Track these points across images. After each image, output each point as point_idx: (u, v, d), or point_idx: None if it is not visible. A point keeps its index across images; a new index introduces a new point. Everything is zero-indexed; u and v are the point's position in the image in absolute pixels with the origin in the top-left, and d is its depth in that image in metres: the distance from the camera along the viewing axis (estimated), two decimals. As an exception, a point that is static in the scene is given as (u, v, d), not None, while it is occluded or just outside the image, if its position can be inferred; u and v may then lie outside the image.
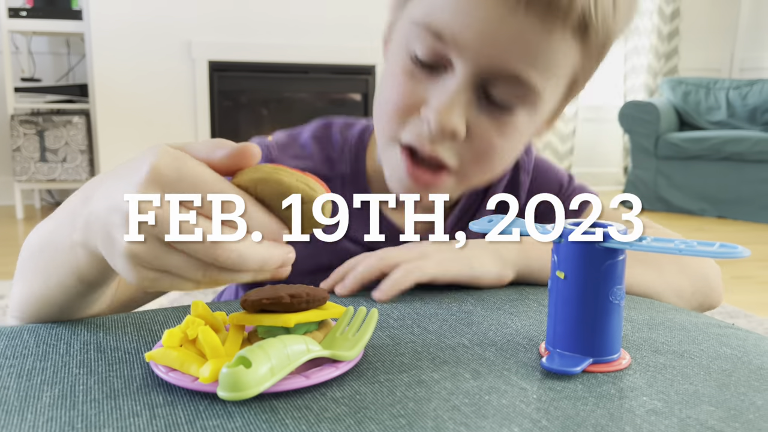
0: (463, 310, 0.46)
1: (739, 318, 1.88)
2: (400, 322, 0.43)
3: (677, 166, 3.42)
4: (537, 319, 0.44)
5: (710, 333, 0.42)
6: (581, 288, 0.36)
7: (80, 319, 0.43)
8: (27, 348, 0.38)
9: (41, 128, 2.96)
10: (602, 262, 0.35)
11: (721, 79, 3.67)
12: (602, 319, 0.36)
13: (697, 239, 0.35)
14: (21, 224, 3.01)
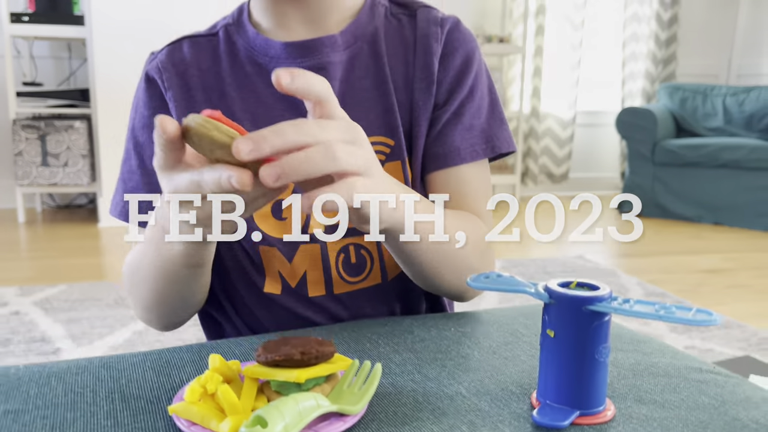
0: (461, 354, 0.49)
1: (733, 328, 1.91)
2: (401, 368, 0.46)
3: (674, 173, 3.45)
4: (529, 365, 0.47)
5: (691, 379, 0.45)
6: (569, 346, 0.39)
7: (103, 364, 0.46)
8: (56, 396, 0.41)
9: (43, 133, 2.99)
10: (589, 324, 0.38)
11: (718, 86, 3.70)
12: (588, 375, 0.39)
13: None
14: (22, 228, 3.04)
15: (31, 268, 2.41)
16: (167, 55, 0.64)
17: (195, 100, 0.62)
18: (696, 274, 2.49)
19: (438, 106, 0.63)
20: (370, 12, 0.65)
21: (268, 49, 0.62)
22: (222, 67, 0.63)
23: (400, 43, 0.64)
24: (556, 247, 2.87)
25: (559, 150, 4.00)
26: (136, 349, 1.69)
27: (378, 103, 0.62)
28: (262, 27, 0.64)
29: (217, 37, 0.65)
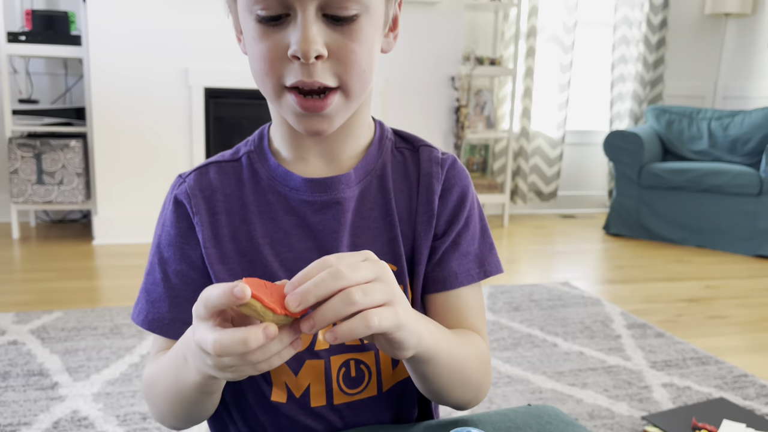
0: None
1: (711, 364, 1.99)
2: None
3: (659, 196, 3.53)
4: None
5: None
6: None
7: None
8: None
9: (39, 151, 3.02)
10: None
11: (704, 109, 3.78)
12: None
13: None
14: (17, 245, 3.07)
15: (26, 291, 2.45)
16: (195, 180, 0.69)
17: (220, 224, 0.67)
18: (677, 303, 2.57)
19: (437, 236, 0.70)
20: (379, 147, 0.71)
21: (289, 181, 0.68)
22: (245, 193, 0.68)
23: (404, 178, 0.71)
24: (543, 274, 2.93)
25: (549, 169, 4.06)
26: (132, 383, 1.74)
27: (384, 233, 0.68)
28: (282, 155, 0.69)
29: (241, 164, 0.70)
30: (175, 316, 0.67)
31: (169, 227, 0.69)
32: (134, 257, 2.92)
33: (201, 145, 3.15)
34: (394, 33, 0.67)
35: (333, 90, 0.60)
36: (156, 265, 0.69)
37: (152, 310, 0.68)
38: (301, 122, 0.61)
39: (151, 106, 3.07)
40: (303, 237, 0.67)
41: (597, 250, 3.42)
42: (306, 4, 0.56)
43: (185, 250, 0.68)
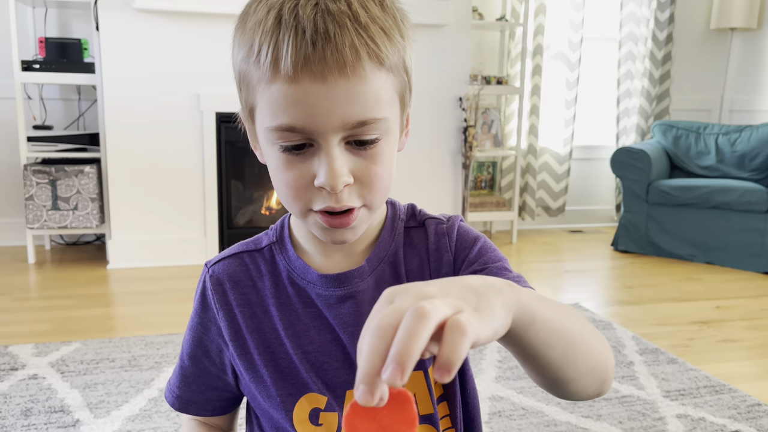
0: None
1: (724, 392, 2.00)
2: None
3: (667, 212, 3.54)
4: None
5: None
6: None
7: None
8: None
9: (54, 178, 3.06)
10: None
11: (711, 124, 3.79)
12: None
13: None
14: (32, 270, 3.11)
15: (43, 320, 2.48)
16: (219, 273, 0.72)
17: (243, 316, 0.70)
18: (688, 326, 2.58)
19: None
20: (391, 230, 0.72)
21: (306, 274, 0.70)
22: (266, 284, 0.71)
23: (415, 256, 0.72)
24: (553, 295, 2.95)
25: (556, 184, 4.08)
26: (151, 420, 1.77)
27: None
28: (301, 246, 0.72)
29: (263, 255, 0.72)
30: (183, 393, 0.75)
31: (193, 314, 0.73)
32: (148, 282, 2.95)
33: (213, 168, 3.19)
34: (406, 131, 0.69)
35: (358, 207, 0.62)
36: (183, 344, 0.75)
37: (171, 384, 0.76)
38: (327, 235, 0.64)
39: (163, 130, 3.11)
40: (323, 329, 0.69)
41: (606, 267, 3.43)
42: (329, 137, 0.57)
43: (203, 340, 0.73)
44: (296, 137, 0.57)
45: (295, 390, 0.68)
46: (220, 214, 3.26)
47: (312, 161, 0.59)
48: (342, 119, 0.56)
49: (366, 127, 0.58)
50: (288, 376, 0.69)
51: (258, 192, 3.41)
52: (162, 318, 2.51)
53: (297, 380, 0.68)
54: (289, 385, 0.69)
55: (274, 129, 0.57)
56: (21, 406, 1.82)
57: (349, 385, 0.69)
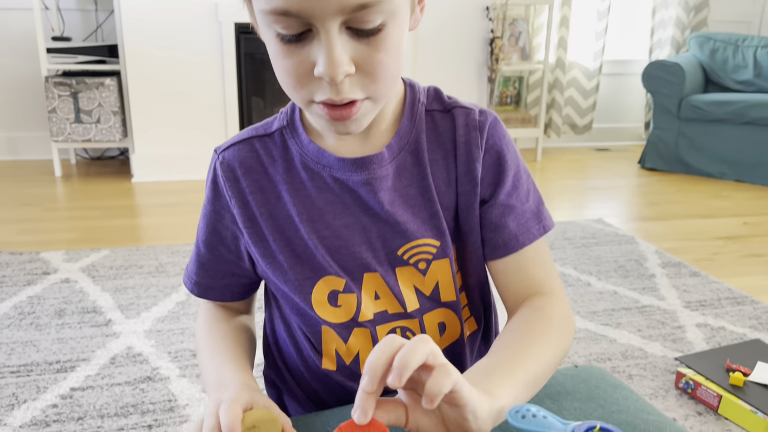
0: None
1: (746, 304, 2.00)
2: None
3: (699, 129, 3.44)
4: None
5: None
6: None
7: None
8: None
9: (75, 90, 3.05)
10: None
11: (750, 36, 3.62)
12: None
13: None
14: (60, 182, 3.16)
15: (73, 229, 2.54)
16: (229, 158, 0.69)
17: (256, 203, 0.68)
18: (713, 241, 2.56)
19: (484, 201, 0.69)
20: (411, 115, 0.69)
21: (321, 158, 0.67)
22: (278, 170, 0.68)
23: (438, 146, 0.69)
24: (577, 211, 2.93)
25: (584, 101, 3.97)
26: (180, 321, 1.83)
27: (424, 209, 0.68)
28: (314, 130, 0.68)
29: (274, 139, 0.69)
30: (201, 280, 0.75)
31: (206, 202, 0.72)
32: (172, 195, 2.99)
33: (233, 81, 3.15)
34: (420, 6, 0.62)
35: (360, 99, 0.58)
36: (197, 231, 0.75)
37: (189, 270, 0.76)
38: (330, 127, 0.60)
39: (182, 42, 3.05)
40: (338, 214, 0.67)
41: (632, 185, 3.38)
42: (327, 22, 0.52)
43: (217, 227, 0.72)
44: (293, 23, 0.53)
45: (313, 274, 0.68)
46: (241, 127, 3.24)
47: (311, 47, 0.54)
48: (340, 1, 0.51)
49: (368, 10, 0.52)
50: (304, 261, 0.68)
51: (279, 107, 3.37)
52: (186, 229, 2.55)
53: (314, 264, 0.68)
54: (306, 269, 0.68)
55: (268, 12, 0.53)
56: (55, 307, 1.89)
57: (367, 267, 0.68)
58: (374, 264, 0.68)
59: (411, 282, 0.69)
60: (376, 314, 0.69)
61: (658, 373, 1.61)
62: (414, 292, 0.69)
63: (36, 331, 1.75)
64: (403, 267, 0.68)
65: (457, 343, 0.72)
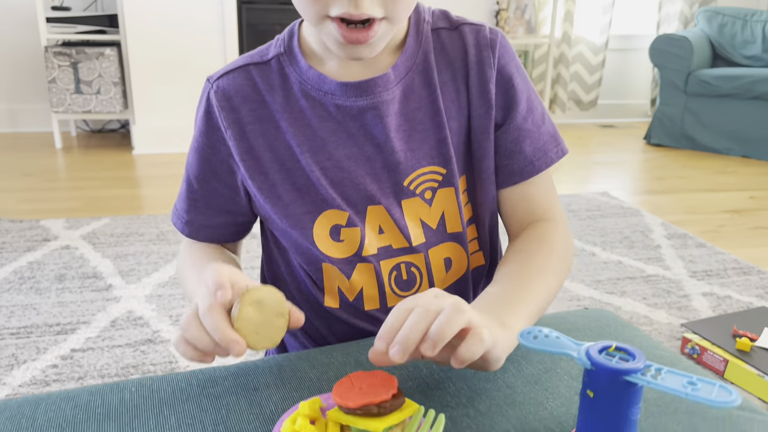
0: (506, 383, 0.56)
1: (752, 274, 1.98)
2: (456, 400, 0.53)
3: (706, 104, 3.40)
4: (567, 398, 0.54)
5: (708, 417, 0.52)
6: (606, 406, 0.45)
7: (202, 389, 0.55)
8: (172, 428, 0.49)
9: (75, 60, 3.01)
10: (625, 389, 0.45)
11: (759, 11, 3.56)
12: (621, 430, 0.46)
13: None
14: (60, 154, 3.13)
15: (73, 198, 2.52)
16: (224, 87, 0.66)
17: (254, 134, 0.65)
18: (719, 214, 2.53)
19: (498, 125, 0.67)
20: (416, 35, 0.66)
21: (322, 85, 0.64)
22: (276, 99, 0.65)
23: (447, 67, 0.66)
24: (581, 184, 2.90)
25: (590, 76, 3.92)
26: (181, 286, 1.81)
27: (433, 135, 0.65)
28: (315, 56, 0.65)
29: (270, 67, 0.66)
30: (193, 218, 0.71)
31: (197, 134, 0.68)
32: (173, 166, 2.96)
33: (235, 52, 3.10)
34: None
35: (378, 19, 0.55)
36: (187, 166, 0.71)
37: (178, 209, 0.73)
38: (342, 50, 0.58)
39: (183, 11, 3.01)
40: (341, 144, 0.65)
41: (637, 160, 3.35)
42: None
43: (211, 161, 0.68)
44: None
45: (314, 208, 0.65)
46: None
47: None
48: None
49: None
50: (305, 194, 0.65)
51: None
52: (188, 198, 2.53)
53: (315, 198, 0.65)
54: (307, 203, 0.65)
55: None
56: (55, 272, 1.88)
57: (371, 200, 0.65)
58: (379, 196, 0.65)
59: (417, 214, 0.67)
60: (380, 249, 0.66)
61: (663, 339, 1.59)
62: (420, 225, 0.67)
63: (36, 294, 1.74)
64: (408, 199, 0.66)
65: (463, 279, 0.70)
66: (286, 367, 0.58)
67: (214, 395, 0.54)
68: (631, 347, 0.47)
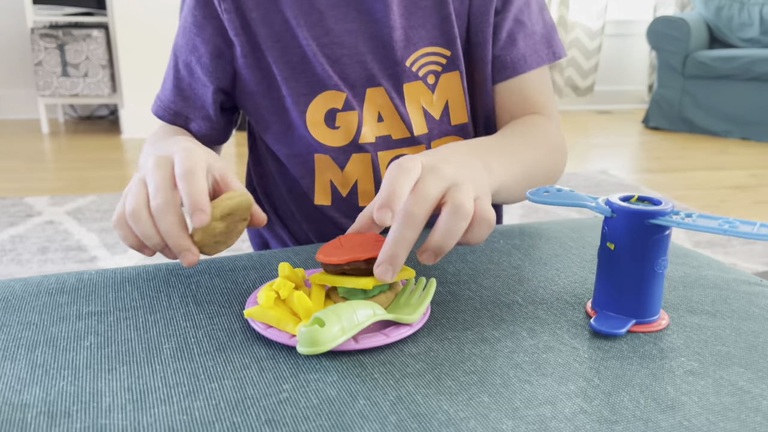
0: (512, 265, 0.50)
1: (757, 244, 1.92)
2: (456, 278, 0.48)
3: (704, 86, 3.36)
4: (581, 276, 0.48)
5: (740, 291, 0.46)
6: (629, 259, 0.40)
7: (170, 270, 0.48)
8: (134, 300, 0.43)
9: (62, 42, 2.95)
10: (650, 237, 0.39)
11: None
12: (647, 286, 0.40)
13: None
14: (47, 139, 3.06)
15: (59, 179, 2.45)
16: None
17: (248, 7, 0.60)
18: (720, 190, 2.48)
19: (497, 11, 0.63)
20: None
21: None
22: None
23: None
24: (580, 164, 2.85)
25: (586, 62, 3.88)
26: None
27: (435, 13, 0.61)
28: None
29: None
30: (179, 107, 0.65)
31: (187, 13, 0.63)
32: (164, 149, 2.90)
33: (226, 34, 3.05)
34: None
35: None
36: (173, 51, 0.65)
37: (164, 100, 0.66)
38: None
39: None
40: (341, 18, 0.60)
41: (635, 143, 3.30)
42: None
43: (195, 42, 0.62)
44: None
45: (309, 90, 0.60)
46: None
47: None
48: None
49: None
50: (300, 73, 0.60)
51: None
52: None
53: (311, 77, 0.60)
54: (301, 84, 0.60)
55: None
56: (37, 245, 1.81)
57: (371, 80, 0.61)
58: (379, 77, 0.61)
59: (418, 101, 0.62)
60: (378, 138, 0.61)
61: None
62: (422, 113, 0.62)
63: (17, 266, 1.67)
64: (410, 82, 0.61)
65: None
66: (267, 256, 0.52)
67: (185, 275, 0.48)
68: (655, 197, 0.41)
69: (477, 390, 0.33)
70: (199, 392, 0.33)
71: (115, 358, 0.36)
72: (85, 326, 0.40)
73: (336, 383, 0.34)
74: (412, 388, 0.33)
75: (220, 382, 0.34)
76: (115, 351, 0.37)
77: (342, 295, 0.41)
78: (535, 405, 0.32)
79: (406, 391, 0.33)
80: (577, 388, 0.34)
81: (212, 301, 0.44)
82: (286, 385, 0.34)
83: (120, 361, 0.36)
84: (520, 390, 0.34)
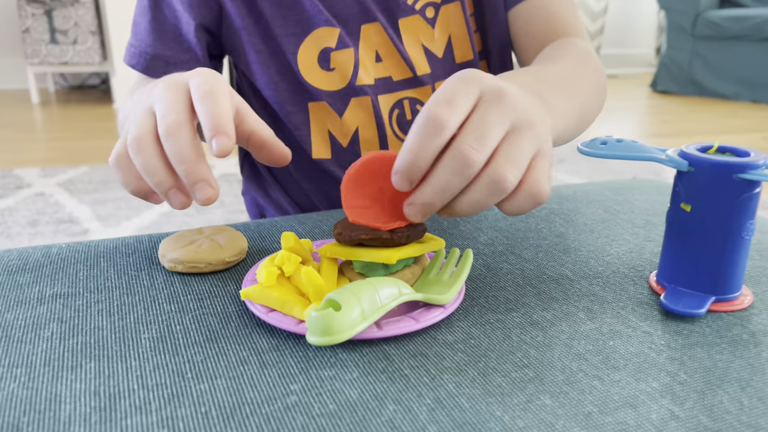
0: (554, 233, 0.43)
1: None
2: (490, 248, 0.40)
3: (715, 47, 3.25)
4: (635, 244, 0.41)
5: (823, 261, 0.40)
6: (710, 222, 0.32)
7: (154, 243, 0.41)
8: (109, 279, 0.36)
9: (49, 8, 2.84)
10: (737, 195, 0.32)
11: (770, -50, 3.40)
12: (730, 257, 0.33)
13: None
14: (37, 109, 2.97)
15: (50, 149, 2.37)
16: None
17: None
18: (734, 154, 2.40)
19: None
20: None
21: None
22: None
23: None
24: (588, 127, 2.76)
25: (591, 23, 3.76)
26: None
27: None
28: None
29: None
30: (158, 51, 0.55)
31: None
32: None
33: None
34: None
35: None
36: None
37: (135, 42, 0.56)
38: None
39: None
40: None
41: (643, 106, 3.21)
42: None
43: None
44: None
45: (299, 29, 0.53)
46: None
47: None
48: None
49: None
50: (289, 10, 0.53)
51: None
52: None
53: (300, 15, 0.53)
54: (290, 22, 0.53)
55: None
56: (27, 218, 1.74)
57: (365, 15, 0.54)
58: (374, 10, 0.54)
59: (418, 38, 0.55)
60: (377, 80, 0.54)
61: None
62: (422, 51, 0.56)
63: (6, 239, 1.60)
64: (406, 17, 0.55)
65: None
66: (266, 225, 0.45)
67: (170, 249, 0.41)
68: (744, 147, 0.34)
69: (535, 389, 0.27)
70: (184, 396, 0.26)
71: (81, 351, 0.29)
72: (47, 312, 0.33)
73: (357, 382, 0.27)
74: (454, 388, 0.27)
75: (212, 382, 0.27)
76: (82, 343, 0.30)
77: (358, 270, 0.34)
78: (611, 409, 0.25)
79: (446, 392, 0.26)
80: (660, 385, 0.27)
81: (202, 279, 0.36)
82: (294, 386, 0.27)
83: (87, 356, 0.29)
84: (589, 389, 0.27)
